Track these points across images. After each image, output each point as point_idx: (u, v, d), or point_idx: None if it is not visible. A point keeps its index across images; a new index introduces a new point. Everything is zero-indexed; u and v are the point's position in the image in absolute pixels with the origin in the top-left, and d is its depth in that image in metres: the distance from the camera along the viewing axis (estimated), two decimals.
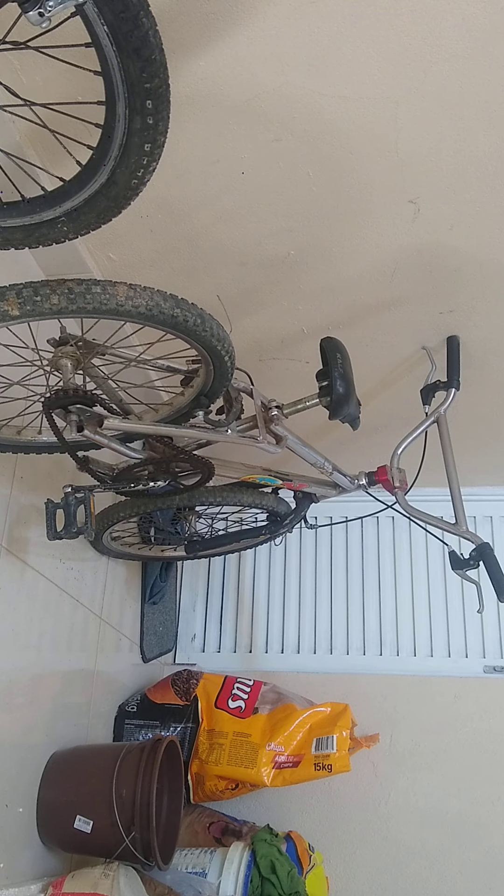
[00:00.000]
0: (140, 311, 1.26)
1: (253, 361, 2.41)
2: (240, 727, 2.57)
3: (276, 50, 1.42)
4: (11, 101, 1.19)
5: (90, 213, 1.23)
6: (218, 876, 2.10)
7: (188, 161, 1.68)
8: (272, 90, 1.50)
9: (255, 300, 2.15)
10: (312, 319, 2.22)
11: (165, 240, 1.93)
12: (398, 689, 2.96)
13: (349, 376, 1.75)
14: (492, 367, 2.38)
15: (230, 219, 1.84)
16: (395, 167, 1.67)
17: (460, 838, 2.70)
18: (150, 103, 1.03)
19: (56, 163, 1.61)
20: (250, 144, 1.63)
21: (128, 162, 1.12)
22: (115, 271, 2.05)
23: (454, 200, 1.75)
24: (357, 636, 3.15)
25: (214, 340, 1.40)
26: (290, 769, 2.47)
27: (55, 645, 2.17)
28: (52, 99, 1.23)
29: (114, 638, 2.63)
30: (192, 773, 2.54)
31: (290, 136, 1.60)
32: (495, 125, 1.55)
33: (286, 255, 1.96)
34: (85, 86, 1.43)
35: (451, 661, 3.04)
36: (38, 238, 1.30)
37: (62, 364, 1.49)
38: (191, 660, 3.16)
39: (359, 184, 1.72)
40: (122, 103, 1.04)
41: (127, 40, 0.94)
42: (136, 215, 1.84)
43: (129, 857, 1.91)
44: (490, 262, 1.94)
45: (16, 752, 1.91)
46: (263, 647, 3.19)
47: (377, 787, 2.80)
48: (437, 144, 1.61)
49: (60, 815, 1.95)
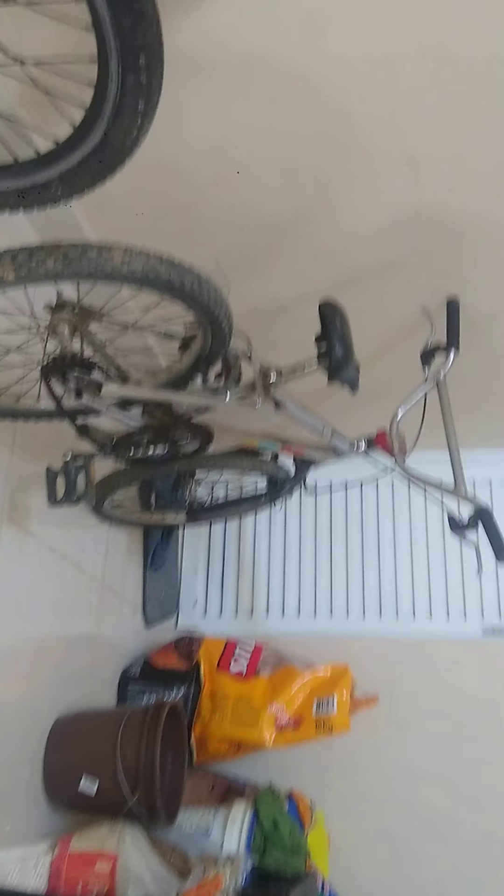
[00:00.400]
0: (136, 274, 1.25)
1: (251, 325, 2.39)
2: (241, 690, 2.60)
3: (273, 7, 1.39)
4: (1, 59, 1.17)
5: (84, 174, 1.22)
6: (221, 834, 2.14)
7: (183, 122, 1.65)
8: (268, 48, 1.47)
9: (253, 264, 2.12)
10: (311, 283, 2.19)
11: (161, 202, 1.91)
12: (397, 651, 2.99)
13: (348, 339, 1.74)
14: (492, 330, 2.36)
15: (227, 182, 1.82)
16: (394, 127, 1.64)
17: (459, 798, 2.74)
18: (143, 60, 1.01)
19: (49, 124, 1.58)
20: (246, 104, 1.60)
21: (121, 122, 1.10)
22: (111, 235, 2.02)
23: (454, 161, 1.73)
24: (357, 600, 3.17)
25: (212, 304, 1.39)
26: (292, 730, 2.50)
27: (57, 612, 2.18)
28: (43, 57, 1.21)
29: (116, 604, 2.65)
30: (195, 735, 2.58)
31: (286, 97, 1.57)
32: (496, 84, 1.52)
33: (283, 218, 1.93)
34: (77, 43, 1.40)
35: (450, 623, 3.07)
36: (32, 201, 1.28)
37: (59, 330, 1.49)
38: (193, 624, 3.19)
39: (357, 145, 1.69)
40: (114, 60, 1.02)
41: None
42: (132, 177, 1.82)
43: (135, 816, 1.94)
44: (490, 223, 1.92)
45: (21, 717, 1.94)
46: (264, 612, 3.21)
47: (377, 747, 2.84)
48: (437, 104, 1.58)
49: (66, 777, 1.99)
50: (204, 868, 1.91)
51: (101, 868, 1.81)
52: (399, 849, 2.71)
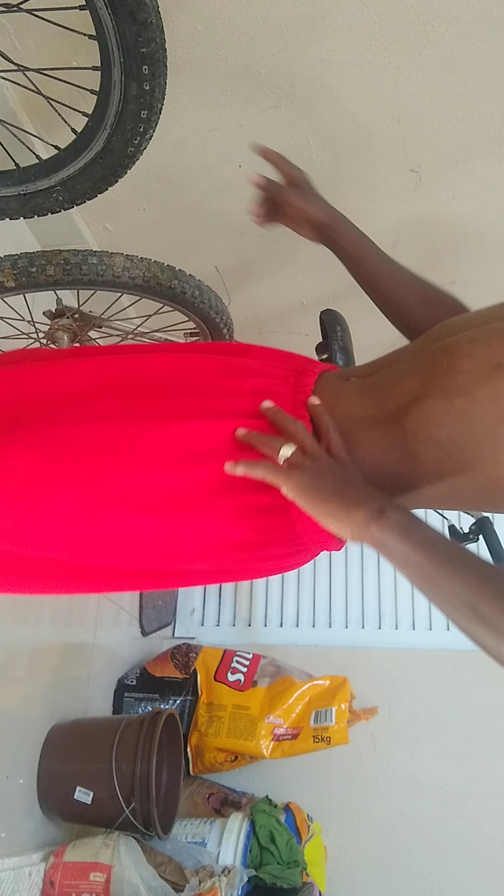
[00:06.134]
0: (137, 282, 1.24)
1: (252, 334, 2.39)
2: (239, 700, 2.58)
3: (276, 14, 1.39)
4: (5, 66, 1.17)
5: (86, 181, 1.21)
6: (217, 845, 2.13)
7: (186, 129, 1.65)
8: (271, 56, 1.47)
9: (254, 272, 2.12)
10: (312, 291, 2.19)
11: (163, 210, 1.90)
12: (397, 662, 2.98)
13: (349, 349, 1.73)
14: None
15: (228, 188, 1.82)
16: (397, 135, 1.64)
17: (458, 810, 2.73)
18: (146, 68, 1.01)
19: (51, 130, 1.58)
20: (249, 111, 1.60)
21: (124, 129, 1.10)
22: (112, 242, 2.02)
23: (456, 170, 1.73)
24: (356, 610, 3.16)
25: (212, 312, 1.38)
26: (289, 741, 2.48)
27: (54, 619, 2.17)
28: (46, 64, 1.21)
29: (113, 612, 2.64)
30: (192, 745, 2.56)
31: (290, 103, 1.57)
32: (499, 92, 1.52)
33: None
34: (80, 51, 1.40)
35: (450, 634, 3.05)
36: (33, 208, 1.28)
37: (58, 336, 1.48)
38: (190, 633, 3.17)
39: (359, 152, 1.69)
40: (117, 69, 1.01)
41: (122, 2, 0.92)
42: (133, 185, 1.82)
43: (130, 827, 1.93)
44: (492, 233, 1.92)
45: (16, 724, 1.92)
46: (262, 621, 3.20)
47: (375, 759, 2.82)
48: (440, 112, 1.58)
49: (61, 786, 1.97)
50: (199, 880, 1.89)
51: (96, 879, 1.79)
52: (397, 861, 2.69)
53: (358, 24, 1.40)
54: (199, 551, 0.84)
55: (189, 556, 0.85)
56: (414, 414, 0.77)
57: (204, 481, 0.79)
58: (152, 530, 0.81)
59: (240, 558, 0.84)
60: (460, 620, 0.67)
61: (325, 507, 0.73)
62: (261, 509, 0.80)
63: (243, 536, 0.81)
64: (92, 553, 0.85)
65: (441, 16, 1.37)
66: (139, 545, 0.83)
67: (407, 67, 1.48)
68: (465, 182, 1.76)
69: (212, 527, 0.81)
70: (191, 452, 0.80)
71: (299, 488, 0.74)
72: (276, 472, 0.76)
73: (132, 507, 0.80)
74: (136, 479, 0.80)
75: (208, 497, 0.79)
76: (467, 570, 0.66)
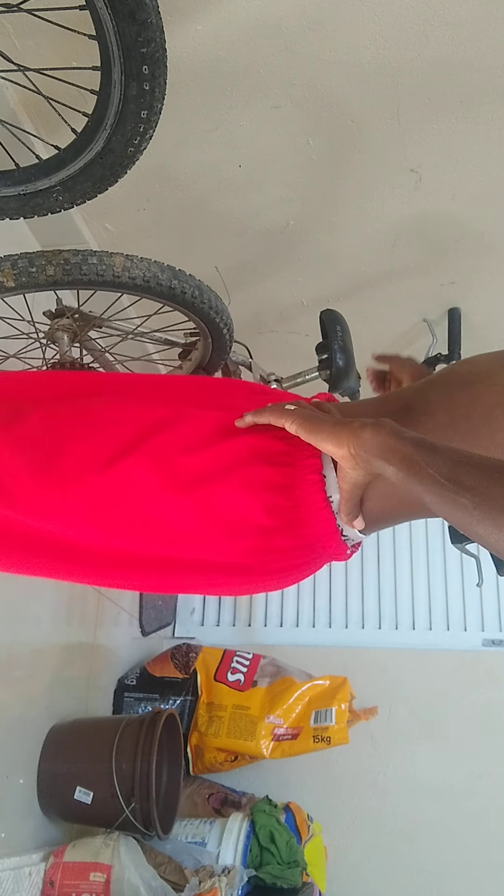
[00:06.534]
0: (137, 282, 1.24)
1: (252, 334, 2.39)
2: (239, 700, 2.58)
3: (276, 14, 1.39)
4: (5, 66, 1.17)
5: (86, 181, 1.21)
6: (217, 845, 2.13)
7: (186, 129, 1.65)
8: (271, 56, 1.47)
9: (254, 272, 2.12)
10: (312, 291, 2.19)
11: (163, 210, 1.90)
12: (397, 662, 2.98)
13: (349, 349, 1.73)
14: (493, 339, 2.36)
15: (228, 188, 1.82)
16: (397, 135, 1.64)
17: (457, 810, 2.73)
18: (146, 68, 1.00)
19: (51, 130, 1.58)
20: (249, 112, 1.60)
21: (124, 129, 1.09)
22: (112, 242, 2.02)
23: (456, 169, 1.73)
24: (356, 610, 3.16)
25: (213, 313, 1.38)
26: (289, 741, 2.48)
27: (54, 619, 2.17)
28: (46, 64, 1.20)
29: (113, 612, 2.64)
30: (192, 745, 2.56)
31: (290, 103, 1.57)
32: (498, 92, 1.52)
33: (285, 226, 1.93)
34: (80, 51, 1.40)
35: (450, 634, 3.05)
36: (33, 208, 1.27)
37: (58, 336, 1.48)
38: (190, 633, 3.17)
39: (359, 152, 1.69)
40: (117, 69, 1.01)
41: (122, 2, 0.92)
42: (133, 185, 1.82)
43: (130, 827, 1.93)
44: (492, 232, 1.92)
45: (16, 724, 1.92)
46: (262, 621, 3.19)
47: (375, 759, 2.82)
48: (440, 112, 1.58)
49: (61, 786, 1.97)
50: (199, 880, 1.89)
51: (96, 879, 1.79)
52: (397, 861, 2.69)
53: (358, 24, 1.40)
54: (209, 533, 0.85)
55: (199, 538, 0.85)
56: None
57: (214, 458, 0.83)
58: (164, 507, 0.84)
59: (247, 548, 0.85)
60: (448, 505, 0.68)
61: (324, 428, 0.77)
62: (268, 485, 0.82)
63: (252, 514, 0.82)
64: (101, 532, 0.87)
65: (441, 16, 1.37)
66: (149, 523, 0.85)
67: (407, 67, 1.47)
68: (465, 182, 1.76)
69: (221, 501, 0.82)
70: (205, 434, 0.85)
71: (301, 418, 0.79)
72: (280, 410, 0.81)
73: (145, 483, 0.83)
74: (150, 455, 0.83)
75: (217, 472, 0.82)
76: (451, 450, 0.70)
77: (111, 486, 0.84)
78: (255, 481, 0.82)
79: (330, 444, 0.77)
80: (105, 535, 0.87)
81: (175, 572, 0.90)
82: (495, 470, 0.67)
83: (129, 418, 0.87)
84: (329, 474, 0.82)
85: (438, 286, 2.13)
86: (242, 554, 0.86)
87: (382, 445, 0.73)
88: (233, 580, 0.90)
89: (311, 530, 0.84)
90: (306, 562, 0.89)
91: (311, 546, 0.86)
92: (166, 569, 0.90)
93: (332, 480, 0.82)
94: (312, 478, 0.82)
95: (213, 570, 0.89)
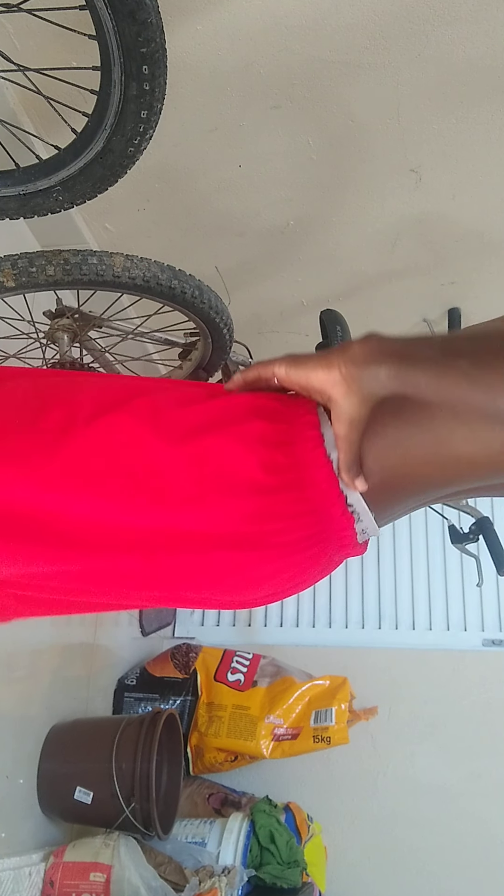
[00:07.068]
0: (137, 282, 1.24)
1: (252, 334, 2.39)
2: (239, 700, 2.58)
3: (276, 13, 1.39)
4: (5, 66, 1.17)
5: (86, 182, 1.21)
6: (217, 845, 2.13)
7: (185, 129, 1.65)
8: (271, 55, 1.47)
9: (254, 271, 2.12)
10: (312, 291, 2.19)
11: (163, 210, 1.90)
12: (397, 662, 2.97)
13: None
14: None
15: (228, 188, 1.82)
16: (397, 135, 1.64)
17: (457, 810, 2.72)
18: (146, 68, 1.00)
19: (51, 130, 1.58)
20: (249, 111, 1.60)
21: (124, 129, 1.09)
22: (112, 242, 2.02)
23: (456, 169, 1.73)
24: (356, 610, 3.16)
25: (212, 312, 1.38)
26: (289, 741, 2.48)
27: (54, 618, 2.17)
28: (46, 64, 1.20)
29: (113, 612, 2.64)
30: (192, 745, 2.56)
31: (290, 103, 1.57)
32: (498, 91, 1.52)
33: (285, 226, 1.93)
34: (80, 51, 1.40)
35: (450, 634, 3.05)
36: (33, 208, 1.27)
37: (58, 336, 1.48)
38: (190, 633, 3.17)
39: (359, 152, 1.69)
40: (117, 69, 1.01)
41: (122, 2, 0.92)
42: (133, 185, 1.82)
43: (130, 827, 1.93)
44: (492, 232, 1.92)
45: (16, 724, 1.92)
46: (262, 621, 3.19)
47: (375, 759, 2.82)
48: (440, 112, 1.58)
49: (61, 786, 1.97)
50: (199, 880, 1.89)
51: (96, 879, 1.79)
52: (397, 861, 2.69)
53: (358, 24, 1.40)
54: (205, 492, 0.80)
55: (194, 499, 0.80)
56: None
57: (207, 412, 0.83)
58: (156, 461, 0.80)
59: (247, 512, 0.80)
60: (446, 378, 0.70)
61: (312, 359, 0.79)
62: (264, 440, 0.81)
63: (249, 470, 0.80)
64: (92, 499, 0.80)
65: (441, 16, 1.37)
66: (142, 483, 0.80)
67: (407, 67, 1.47)
68: (465, 182, 1.76)
69: (216, 455, 0.80)
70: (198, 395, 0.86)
71: (287, 357, 0.81)
72: (265, 361, 0.83)
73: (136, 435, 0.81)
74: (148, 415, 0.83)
75: (210, 425, 0.82)
76: (439, 334, 0.75)
77: (99, 440, 0.80)
78: (250, 436, 0.81)
79: (320, 369, 0.77)
80: (95, 502, 0.80)
81: (173, 551, 0.83)
82: (482, 335, 0.71)
83: (118, 384, 0.87)
84: (327, 433, 0.81)
85: (438, 286, 2.13)
86: (243, 519, 0.81)
87: (372, 349, 0.74)
88: (237, 556, 0.84)
89: (314, 492, 0.81)
90: (314, 534, 0.84)
91: (316, 513, 0.82)
92: (164, 549, 0.83)
93: (331, 439, 0.80)
94: (310, 433, 0.81)
95: (213, 545, 0.83)
